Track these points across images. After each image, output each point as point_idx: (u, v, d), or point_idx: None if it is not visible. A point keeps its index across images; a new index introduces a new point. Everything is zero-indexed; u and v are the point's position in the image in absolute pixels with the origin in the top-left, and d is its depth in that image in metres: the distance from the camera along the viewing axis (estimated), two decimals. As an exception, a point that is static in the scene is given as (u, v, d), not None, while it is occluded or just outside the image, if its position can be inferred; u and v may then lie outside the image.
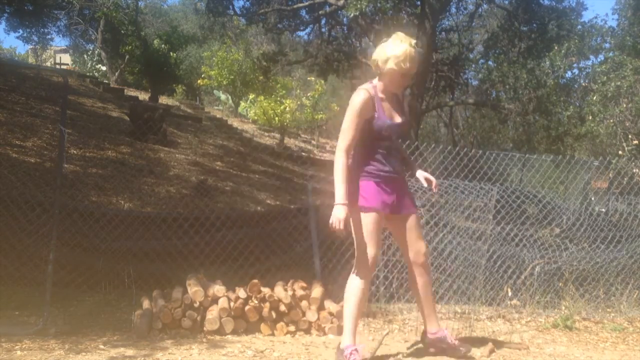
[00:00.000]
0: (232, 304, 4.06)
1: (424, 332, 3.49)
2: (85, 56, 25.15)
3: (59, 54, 29.24)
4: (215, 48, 20.61)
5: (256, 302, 4.18)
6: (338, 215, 3.01)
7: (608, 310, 5.13)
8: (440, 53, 16.66)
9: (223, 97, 22.63)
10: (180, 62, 20.40)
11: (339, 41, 16.62)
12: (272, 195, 10.52)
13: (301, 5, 15.37)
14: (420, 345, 3.60)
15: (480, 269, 5.08)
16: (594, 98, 11.17)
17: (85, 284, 5.19)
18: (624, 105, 10.17)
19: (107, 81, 20.18)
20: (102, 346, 3.66)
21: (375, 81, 3.24)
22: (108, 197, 7.83)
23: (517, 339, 4.21)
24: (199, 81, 20.86)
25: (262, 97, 18.43)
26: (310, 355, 3.59)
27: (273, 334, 4.07)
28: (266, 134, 18.94)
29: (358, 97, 3.14)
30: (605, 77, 11.12)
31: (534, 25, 14.82)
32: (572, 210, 6.38)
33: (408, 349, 3.73)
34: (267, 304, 4.19)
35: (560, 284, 5.36)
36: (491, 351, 3.64)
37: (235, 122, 19.37)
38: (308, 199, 5.97)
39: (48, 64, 27.32)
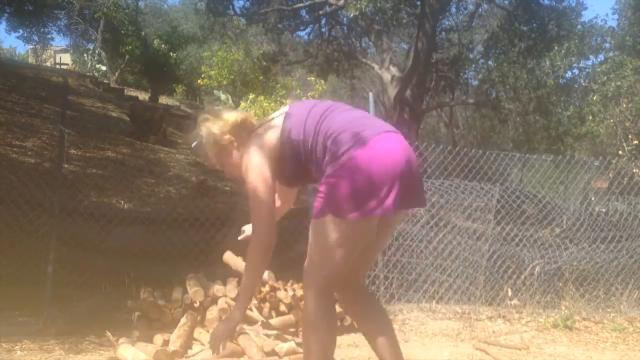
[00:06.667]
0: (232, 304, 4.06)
1: None
2: (85, 56, 25.13)
3: (59, 54, 29.21)
4: (215, 48, 20.58)
5: (256, 302, 4.18)
6: None
7: (608, 310, 5.12)
8: (440, 53, 16.65)
9: (223, 97, 22.58)
10: (180, 62, 20.37)
11: (339, 41, 16.61)
12: (272, 195, 10.49)
13: (301, 5, 15.36)
14: None
15: (480, 269, 5.08)
16: (594, 98, 11.16)
17: (85, 284, 5.19)
18: (624, 105, 10.16)
19: (107, 81, 20.16)
20: (102, 346, 3.66)
21: None
22: (108, 197, 7.83)
23: (517, 339, 4.20)
24: (199, 81, 20.83)
25: (262, 97, 18.40)
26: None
27: (273, 334, 4.07)
28: (266, 134, 18.92)
29: None
30: (605, 77, 11.11)
31: (534, 25, 14.80)
32: (572, 210, 6.39)
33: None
34: (267, 304, 4.20)
35: (560, 284, 5.35)
36: None
37: (235, 122, 19.34)
38: (308, 199, 5.96)
39: (48, 63, 27.29)
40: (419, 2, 13.75)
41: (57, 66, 25.03)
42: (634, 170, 8.11)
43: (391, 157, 2.06)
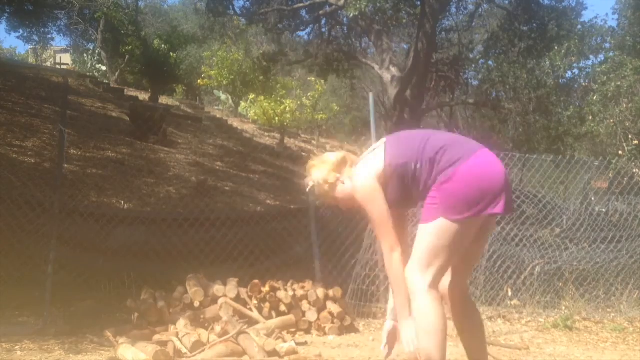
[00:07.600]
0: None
1: None
2: (85, 56, 25.13)
3: (59, 54, 29.22)
4: (215, 48, 20.60)
5: (256, 302, 4.18)
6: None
7: (608, 310, 5.13)
8: (440, 53, 16.64)
9: (223, 97, 22.62)
10: (180, 62, 20.38)
11: (339, 41, 16.60)
12: (272, 195, 10.52)
13: (301, 5, 15.35)
14: None
15: (480, 269, 5.08)
16: (594, 98, 11.15)
17: (85, 284, 5.19)
18: (624, 105, 10.15)
19: (107, 81, 20.15)
20: (102, 346, 3.66)
21: None
22: (108, 197, 7.83)
23: (517, 339, 4.21)
24: (199, 81, 20.85)
25: (262, 97, 18.42)
26: (309, 354, 3.59)
27: (273, 334, 4.06)
28: (266, 134, 18.93)
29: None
30: (605, 77, 11.10)
31: (534, 25, 14.80)
32: (573, 211, 6.38)
33: None
34: (267, 304, 4.20)
35: (560, 284, 5.35)
36: None
37: (235, 122, 19.36)
38: (308, 199, 5.96)
39: (48, 64, 27.28)
40: (419, 2, 13.75)
41: (57, 66, 25.04)
42: (634, 170, 8.11)
43: (498, 166, 2.36)
